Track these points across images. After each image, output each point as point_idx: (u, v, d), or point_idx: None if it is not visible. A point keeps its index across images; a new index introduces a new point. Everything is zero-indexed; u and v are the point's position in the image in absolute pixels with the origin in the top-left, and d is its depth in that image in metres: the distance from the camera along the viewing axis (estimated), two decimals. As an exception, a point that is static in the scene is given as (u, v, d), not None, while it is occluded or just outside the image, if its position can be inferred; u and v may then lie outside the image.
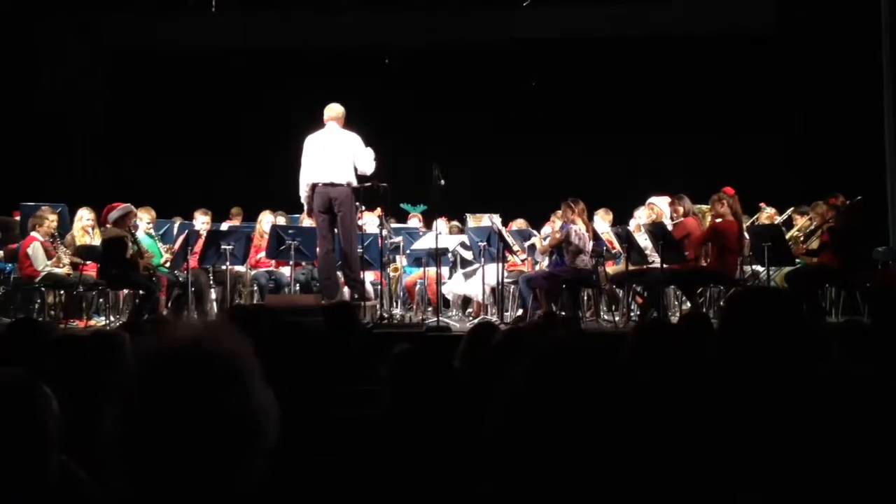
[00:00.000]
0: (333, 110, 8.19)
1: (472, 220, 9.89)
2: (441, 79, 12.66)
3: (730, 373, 2.13)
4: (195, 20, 12.38)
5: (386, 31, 12.58)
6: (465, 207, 10.13)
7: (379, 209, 9.29)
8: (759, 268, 8.61)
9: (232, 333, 1.33)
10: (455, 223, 10.29)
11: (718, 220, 8.16)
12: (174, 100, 12.72)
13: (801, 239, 8.69)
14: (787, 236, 8.62)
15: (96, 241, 8.81)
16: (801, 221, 8.98)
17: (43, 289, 8.72)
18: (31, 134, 12.15)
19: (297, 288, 9.12)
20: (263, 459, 1.30)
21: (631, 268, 8.53)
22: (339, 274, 8.40)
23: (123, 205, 8.60)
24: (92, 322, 8.73)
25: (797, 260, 8.48)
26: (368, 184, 8.14)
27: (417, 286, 9.81)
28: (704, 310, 8.33)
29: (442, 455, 2.46)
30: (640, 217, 9.31)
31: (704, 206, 8.75)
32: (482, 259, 9.05)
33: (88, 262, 8.71)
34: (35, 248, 8.51)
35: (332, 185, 7.94)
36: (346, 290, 8.52)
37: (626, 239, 8.56)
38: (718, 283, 8.37)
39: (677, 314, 8.69)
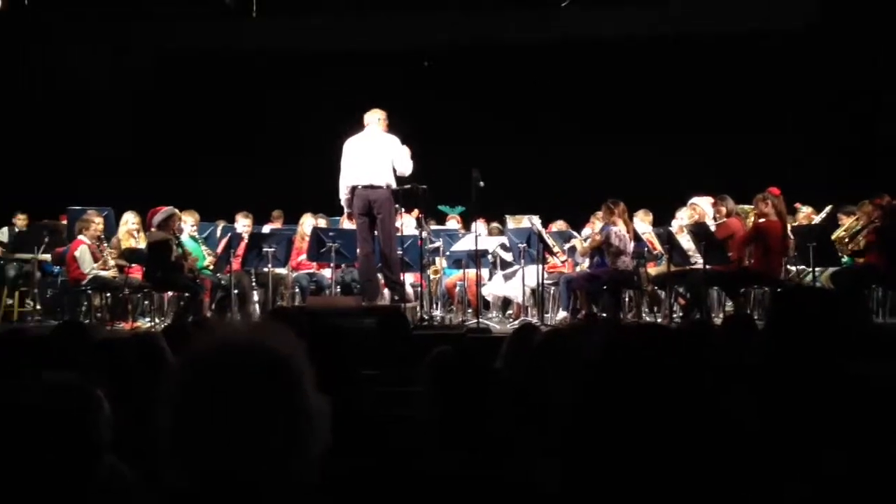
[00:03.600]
0: (374, 114, 8.21)
1: (512, 222, 9.87)
2: (480, 80, 12.65)
3: (778, 371, 2.11)
4: (237, 23, 12.50)
5: (425, 33, 12.60)
6: (505, 209, 10.11)
7: (416, 211, 9.31)
8: (803, 268, 8.49)
9: (287, 335, 1.33)
10: (495, 225, 10.27)
11: (762, 220, 8.06)
12: (217, 102, 12.86)
13: (847, 239, 8.56)
14: (834, 236, 8.49)
15: (141, 244, 8.93)
16: (847, 221, 8.84)
17: (89, 291, 8.86)
18: (77, 139, 12.36)
19: (338, 290, 9.17)
20: (315, 463, 1.29)
21: (673, 269, 8.45)
22: (380, 276, 8.42)
23: (167, 208, 8.70)
24: (137, 324, 8.86)
25: (843, 259, 8.35)
26: (407, 186, 8.16)
27: (457, 288, 9.81)
28: (748, 311, 8.23)
29: (481, 457, 2.46)
30: (682, 218, 9.22)
31: (748, 206, 8.64)
32: (522, 261, 9.03)
33: (134, 265, 8.84)
34: (82, 252, 8.66)
35: (372, 187, 7.96)
36: (386, 292, 8.55)
37: (668, 240, 8.49)
38: (762, 283, 8.26)
39: (721, 315, 8.59)
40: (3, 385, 1.87)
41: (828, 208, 9.30)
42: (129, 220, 9.16)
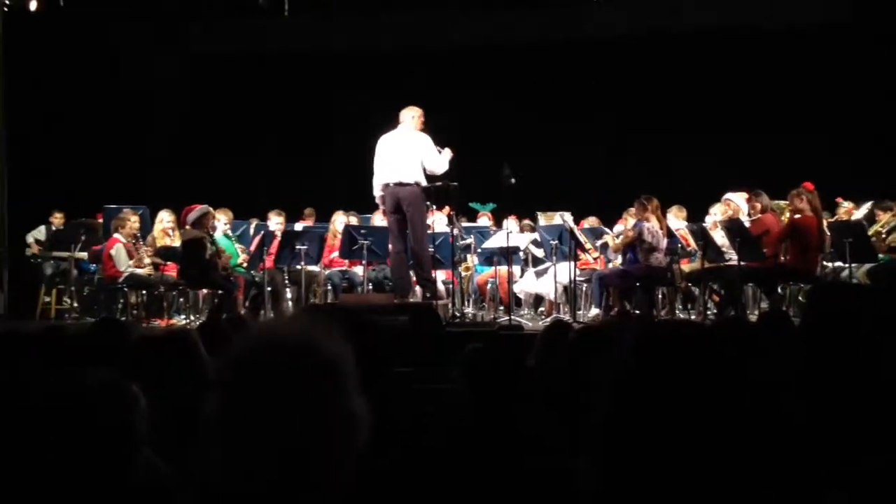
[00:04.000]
0: (408, 111, 8.21)
1: (544, 219, 9.84)
2: (511, 77, 12.62)
3: (815, 370, 2.08)
4: (270, 24, 12.56)
5: (454, 30, 12.60)
6: (536, 205, 10.08)
7: (447, 208, 9.32)
8: (840, 264, 8.38)
9: (335, 335, 1.33)
10: (526, 221, 10.25)
11: (797, 215, 7.97)
12: (249, 102, 12.95)
13: (884, 235, 8.44)
14: (870, 232, 8.38)
15: (176, 242, 9.03)
16: (884, 217, 8.72)
17: (125, 289, 8.97)
18: (112, 138, 12.51)
19: (370, 287, 9.20)
20: (352, 464, 1.30)
21: (707, 265, 8.38)
22: (411, 273, 8.43)
23: (202, 206, 8.77)
24: (173, 321, 8.95)
25: (880, 256, 8.23)
26: (438, 183, 8.16)
27: (489, 285, 9.81)
28: (784, 308, 8.14)
29: (513, 454, 2.45)
30: (716, 214, 9.14)
31: (783, 202, 8.55)
32: (554, 257, 9.00)
33: (169, 263, 8.93)
34: (118, 250, 8.77)
35: (401, 184, 7.97)
36: (417, 289, 8.57)
37: (702, 236, 8.42)
38: (798, 280, 8.17)
39: (756, 312, 8.51)
40: (42, 381, 1.91)
41: (868, 204, 9.17)
42: (164, 218, 9.25)
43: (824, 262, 8.55)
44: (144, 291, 9.15)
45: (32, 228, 10.82)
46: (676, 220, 9.39)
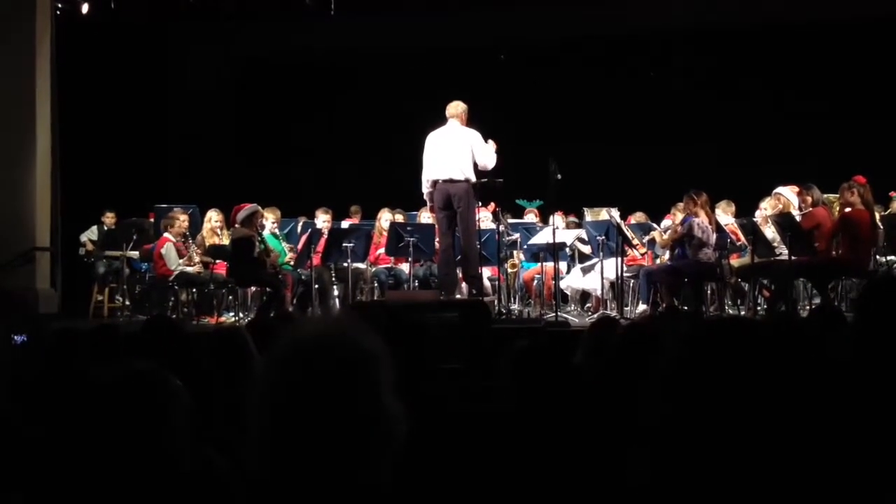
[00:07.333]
0: (455, 107, 8.19)
1: (590, 214, 9.77)
2: (556, 73, 12.56)
3: (867, 368, 2.05)
4: (315, 24, 12.64)
5: (500, 27, 12.57)
6: (583, 201, 10.02)
7: (493, 205, 9.30)
8: (893, 258, 8.21)
9: (372, 335, 1.35)
10: (572, 218, 10.19)
11: (848, 209, 7.82)
12: (295, 101, 13.06)
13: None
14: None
15: (225, 241, 9.14)
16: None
17: (176, 287, 9.11)
18: (162, 138, 12.70)
19: (416, 284, 9.23)
20: (390, 460, 1.31)
21: (757, 260, 8.27)
22: (458, 270, 8.44)
23: (250, 205, 8.87)
24: (222, 318, 9.07)
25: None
26: (484, 180, 8.15)
27: (535, 281, 9.78)
28: (836, 303, 8.01)
29: (561, 451, 2.45)
30: (766, 208, 9.00)
31: (833, 196, 8.39)
32: (601, 253, 8.94)
33: (218, 261, 9.05)
34: (168, 249, 8.91)
35: (451, 181, 7.97)
36: (464, 285, 8.57)
37: (752, 231, 8.31)
38: (851, 275, 8.02)
39: (807, 308, 8.37)
40: (84, 372, 1.94)
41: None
42: (213, 217, 9.38)
43: (877, 257, 8.38)
44: (195, 289, 9.29)
45: (85, 229, 11.03)
46: (725, 214, 9.27)
